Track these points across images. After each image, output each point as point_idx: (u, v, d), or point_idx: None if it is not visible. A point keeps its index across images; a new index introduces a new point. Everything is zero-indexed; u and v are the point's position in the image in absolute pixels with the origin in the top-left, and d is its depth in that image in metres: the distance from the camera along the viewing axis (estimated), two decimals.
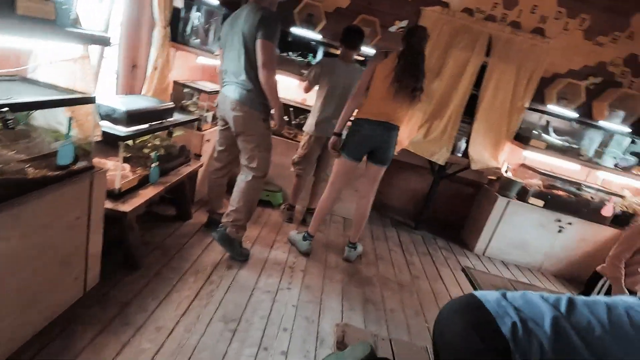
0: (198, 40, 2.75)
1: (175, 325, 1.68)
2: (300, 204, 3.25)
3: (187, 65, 3.09)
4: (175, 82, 2.73)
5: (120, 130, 1.76)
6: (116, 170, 1.81)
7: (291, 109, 3.52)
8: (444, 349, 1.01)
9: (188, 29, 2.65)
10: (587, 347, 0.86)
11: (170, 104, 2.21)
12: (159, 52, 2.37)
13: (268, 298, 2.06)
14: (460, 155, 3.46)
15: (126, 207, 1.78)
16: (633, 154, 3.59)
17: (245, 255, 2.38)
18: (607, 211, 3.37)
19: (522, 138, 3.49)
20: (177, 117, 2.34)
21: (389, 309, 2.29)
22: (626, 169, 3.45)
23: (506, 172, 3.61)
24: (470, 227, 3.77)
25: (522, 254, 3.51)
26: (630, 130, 3.40)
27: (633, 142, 3.47)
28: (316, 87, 2.83)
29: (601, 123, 3.39)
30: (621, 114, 3.37)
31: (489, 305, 0.97)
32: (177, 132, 2.41)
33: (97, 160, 1.61)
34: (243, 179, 2.24)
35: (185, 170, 2.45)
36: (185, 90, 2.81)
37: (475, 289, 1.55)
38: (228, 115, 2.18)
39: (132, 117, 1.82)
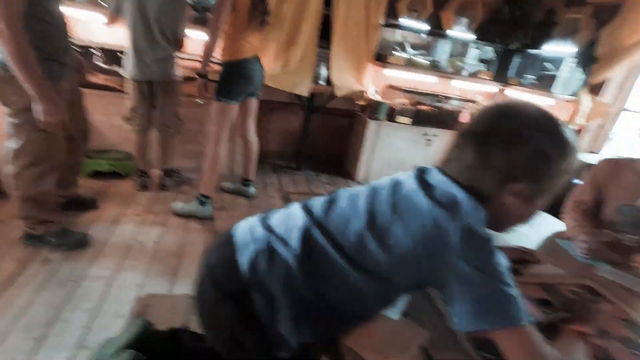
0: None
1: None
2: (157, 166, 2.78)
3: None
4: None
5: None
6: None
7: (120, 53, 2.86)
8: (195, 307, 0.79)
9: None
10: (340, 252, 0.65)
11: None
12: None
13: (101, 285, 1.68)
14: (324, 83, 3.28)
15: None
16: (481, 60, 3.84)
17: (77, 241, 1.91)
18: (464, 118, 3.61)
19: (382, 57, 3.43)
20: None
21: None
22: (474, 75, 3.67)
23: (375, 95, 3.58)
24: (350, 156, 3.76)
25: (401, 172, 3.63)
26: (475, 37, 3.57)
27: (477, 47, 3.67)
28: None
29: (449, 32, 3.49)
30: (465, 21, 3.49)
31: (237, 234, 0.75)
32: None
33: None
34: (9, 170, 1.68)
35: None
36: None
37: None
38: None
39: None
